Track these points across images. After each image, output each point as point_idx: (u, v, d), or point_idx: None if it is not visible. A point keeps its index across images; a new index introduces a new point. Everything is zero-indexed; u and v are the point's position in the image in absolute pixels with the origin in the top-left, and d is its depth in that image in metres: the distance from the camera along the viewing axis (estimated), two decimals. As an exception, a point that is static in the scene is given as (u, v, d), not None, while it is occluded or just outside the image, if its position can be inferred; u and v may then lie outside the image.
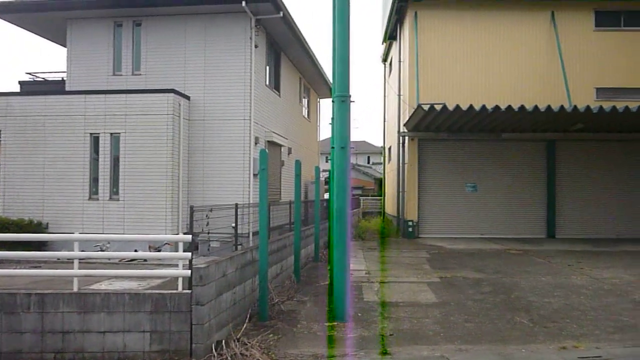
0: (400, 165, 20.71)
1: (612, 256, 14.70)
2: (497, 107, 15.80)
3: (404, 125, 19.61)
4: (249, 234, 12.93)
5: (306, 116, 23.25)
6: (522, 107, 15.71)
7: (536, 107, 15.65)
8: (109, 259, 11.20)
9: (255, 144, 14.87)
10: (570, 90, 18.73)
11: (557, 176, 19.86)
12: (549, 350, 6.36)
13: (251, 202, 13.68)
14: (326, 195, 20.07)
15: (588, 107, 15.70)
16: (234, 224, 9.11)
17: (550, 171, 19.83)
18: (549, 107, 15.70)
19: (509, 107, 15.72)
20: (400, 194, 20.78)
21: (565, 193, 19.93)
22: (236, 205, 9.29)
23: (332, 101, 7.72)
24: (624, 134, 19.56)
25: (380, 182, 36.87)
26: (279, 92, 17.91)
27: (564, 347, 6.46)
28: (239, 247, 9.21)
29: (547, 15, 19.81)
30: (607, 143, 19.98)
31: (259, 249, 7.88)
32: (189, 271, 6.24)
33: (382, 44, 26.87)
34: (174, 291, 6.28)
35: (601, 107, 15.73)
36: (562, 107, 15.74)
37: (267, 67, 16.65)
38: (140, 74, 15.20)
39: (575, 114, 16.06)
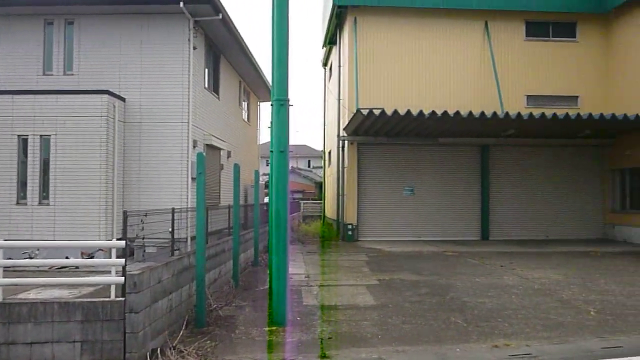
0: (340, 169, 20.88)
1: (542, 257, 15.32)
2: (433, 113, 16.22)
3: (344, 129, 19.80)
4: (186, 238, 12.69)
5: (246, 119, 23.09)
6: (457, 113, 16.19)
7: (470, 113, 16.18)
8: (38, 266, 10.72)
9: (194, 147, 14.62)
10: (503, 97, 19.43)
11: (491, 180, 20.54)
12: (481, 349, 6.55)
13: (189, 206, 13.43)
14: (266, 199, 19.99)
15: (519, 114, 16.37)
16: (170, 229, 8.91)
17: (484, 175, 20.49)
18: (482, 113, 16.26)
19: (445, 112, 16.16)
20: (340, 197, 20.95)
21: (499, 196, 20.63)
22: (173, 209, 9.10)
23: (271, 105, 7.69)
24: (553, 139, 20.45)
25: (320, 186, 37.05)
26: (218, 95, 17.70)
27: (496, 345, 6.68)
28: (176, 252, 9.02)
29: (481, 25, 20.50)
30: (538, 148, 20.84)
31: (196, 254, 7.74)
32: (122, 278, 6.05)
33: (323, 48, 27.05)
34: (107, 299, 6.08)
35: (531, 113, 16.43)
36: (494, 113, 16.34)
37: (206, 70, 16.42)
38: (72, 75, 14.64)
39: (507, 120, 16.69)
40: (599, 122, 17.14)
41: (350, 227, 19.63)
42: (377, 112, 16.26)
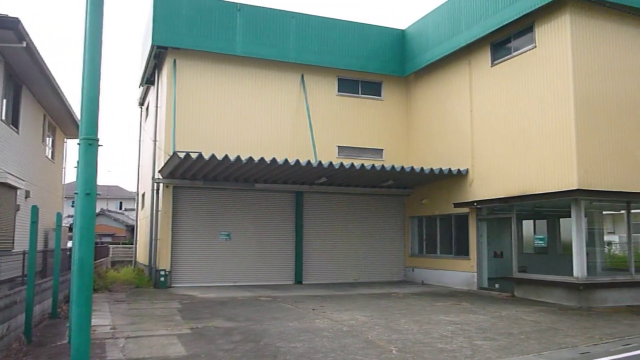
0: (154, 212, 20.08)
1: (351, 299, 16.11)
2: (250, 159, 16.50)
3: (159, 171, 19.19)
4: (-31, 289, 11.09)
5: (50, 157, 21.26)
6: (273, 160, 16.67)
7: (286, 160, 16.79)
8: None
9: (-16, 185, 13.02)
10: (317, 147, 20.45)
11: (305, 225, 21.28)
12: (293, 395, 6.59)
13: (-25, 252, 11.83)
14: (70, 244, 18.39)
15: (331, 163, 17.39)
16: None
17: (298, 220, 21.17)
18: (297, 161, 16.95)
19: (262, 159, 16.55)
20: (153, 242, 20.09)
21: (312, 241, 21.42)
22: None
23: (78, 144, 7.16)
24: (361, 188, 21.93)
25: (132, 229, 35.19)
26: (17, 128, 16.10)
27: (306, 390, 6.77)
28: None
29: (298, 77, 21.55)
30: (348, 196, 22.16)
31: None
32: None
33: (140, 87, 26.18)
34: None
35: (342, 163, 17.56)
36: (308, 161, 17.16)
37: (5, 100, 14.89)
38: None
39: (320, 168, 17.59)
40: (399, 174, 18.88)
41: (163, 273, 18.83)
42: (194, 155, 16.07)
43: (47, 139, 20.71)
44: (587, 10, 15.63)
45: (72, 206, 9.88)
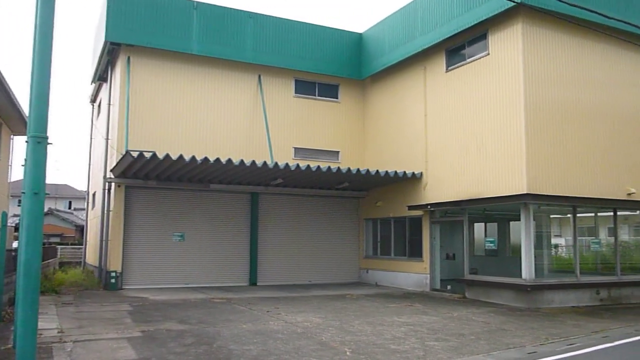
0: (105, 212, 19.60)
1: (305, 301, 16.12)
2: (206, 159, 16.33)
3: (111, 170, 18.76)
4: None
5: (-5, 154, 20.50)
6: (229, 160, 16.55)
7: (242, 161, 16.69)
8: None
9: None
10: (273, 148, 20.38)
11: (260, 226, 21.18)
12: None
13: None
14: (16, 244, 17.75)
15: (287, 164, 17.39)
16: None
17: (253, 222, 21.05)
18: (253, 162, 16.87)
19: (218, 159, 16.39)
20: (104, 242, 19.61)
21: (267, 242, 21.33)
22: None
23: (26, 142, 6.94)
24: (317, 190, 21.98)
25: (82, 229, 34.24)
26: (-40, 124, 15.46)
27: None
28: None
29: (255, 77, 21.44)
30: (304, 197, 22.17)
31: None
32: None
33: (92, 83, 25.54)
34: None
35: (298, 164, 17.57)
36: (265, 162, 17.10)
37: (-53, 95, 14.28)
38: None
39: (275, 169, 17.55)
40: (355, 176, 19.02)
41: (113, 274, 18.40)
42: (147, 155, 15.78)
43: (-7, 135, 19.96)
44: (539, 20, 16.11)
45: (19, 205, 9.50)
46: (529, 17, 15.97)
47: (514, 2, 14.66)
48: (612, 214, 17.74)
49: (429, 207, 18.78)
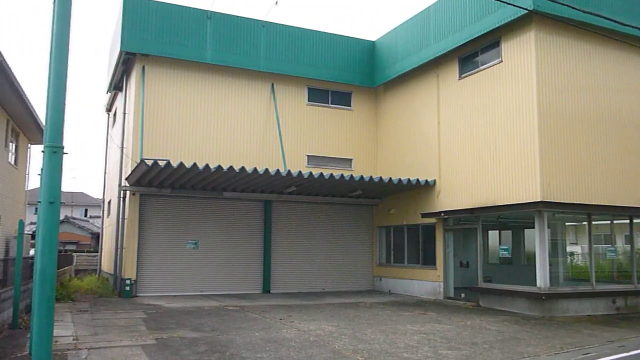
0: (120, 220, 19.79)
1: (318, 309, 16.12)
2: (219, 167, 16.45)
3: (126, 179, 18.94)
4: None
5: (13, 163, 20.78)
6: (242, 169, 16.65)
7: (255, 169, 16.78)
8: None
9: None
10: (286, 156, 20.47)
11: (273, 234, 21.23)
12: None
13: None
14: (33, 252, 17.96)
15: (300, 172, 17.44)
16: None
17: (266, 229, 21.11)
18: (266, 170, 16.95)
19: (231, 167, 16.50)
20: (119, 250, 19.77)
21: (280, 250, 21.37)
22: None
23: (42, 151, 7.06)
24: (330, 197, 22.00)
25: (98, 237, 34.55)
26: (-21, 133, 15.71)
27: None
28: None
29: (268, 85, 21.57)
30: (317, 205, 22.20)
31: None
32: None
33: (107, 93, 25.85)
34: None
35: (311, 172, 17.63)
36: (278, 170, 17.18)
37: (-34, 105, 14.52)
38: None
39: (289, 177, 17.61)
40: (368, 184, 19.02)
41: (128, 282, 18.54)
42: (162, 163, 15.94)
43: (10, 144, 20.23)
44: (552, 28, 16.05)
45: (36, 214, 9.64)
46: (541, 24, 15.92)
47: (525, 9, 14.66)
48: (628, 221, 17.55)
49: (442, 214, 18.71)
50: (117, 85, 23.30)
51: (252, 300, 18.16)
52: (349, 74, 22.84)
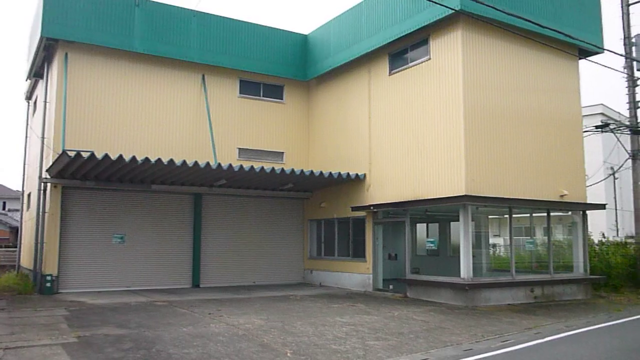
0: (41, 213, 18.90)
1: (248, 302, 16.04)
2: (147, 159, 16.02)
3: (47, 170, 18.10)
4: None
5: None
6: (171, 161, 16.29)
7: (184, 162, 16.44)
8: None
9: None
10: (217, 148, 20.18)
11: (203, 228, 20.92)
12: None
13: None
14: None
15: (230, 165, 17.26)
16: None
17: (196, 223, 20.78)
18: (196, 162, 16.66)
19: (159, 159, 16.09)
20: (39, 245, 18.89)
21: (210, 244, 21.09)
22: None
23: (-48, 140, 6.62)
24: (261, 191, 21.90)
25: (17, 232, 32.90)
26: None
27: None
28: None
29: (199, 77, 21.18)
30: (248, 198, 22.04)
31: None
32: None
33: (27, 80, 24.57)
34: None
35: (241, 165, 17.47)
36: (208, 163, 16.91)
37: None
38: None
39: (219, 170, 17.39)
40: (299, 177, 19.08)
41: (49, 278, 17.77)
42: (85, 154, 15.34)
43: None
44: (479, 28, 16.61)
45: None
46: (468, 24, 16.43)
47: (452, 9, 15.09)
48: (545, 214, 18.47)
49: (372, 208, 19.02)
50: (37, 73, 22.18)
51: (181, 295, 17.84)
52: (281, 67, 22.76)
